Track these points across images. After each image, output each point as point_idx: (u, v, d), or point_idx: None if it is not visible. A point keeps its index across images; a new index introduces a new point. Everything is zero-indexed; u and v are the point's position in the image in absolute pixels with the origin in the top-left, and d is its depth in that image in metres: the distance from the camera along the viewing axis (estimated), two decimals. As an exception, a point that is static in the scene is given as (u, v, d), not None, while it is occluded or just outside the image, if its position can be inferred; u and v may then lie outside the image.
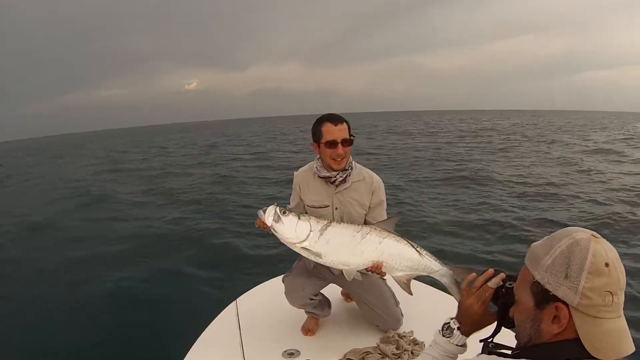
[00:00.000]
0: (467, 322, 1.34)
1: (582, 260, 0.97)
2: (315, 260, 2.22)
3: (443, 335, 1.38)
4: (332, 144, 2.35)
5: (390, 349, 2.41)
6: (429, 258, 2.14)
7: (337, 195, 2.49)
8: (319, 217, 2.29)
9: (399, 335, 2.54)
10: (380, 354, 2.41)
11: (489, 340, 1.22)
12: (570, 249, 1.00)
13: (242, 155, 23.51)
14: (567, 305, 0.98)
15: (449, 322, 1.39)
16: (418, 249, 2.17)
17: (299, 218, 2.19)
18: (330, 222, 2.23)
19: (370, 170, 2.59)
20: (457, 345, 1.36)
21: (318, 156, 2.50)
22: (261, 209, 2.17)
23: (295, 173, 2.64)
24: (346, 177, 2.45)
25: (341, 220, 2.43)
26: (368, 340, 2.55)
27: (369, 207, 2.52)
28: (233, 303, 3.10)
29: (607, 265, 0.97)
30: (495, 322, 1.28)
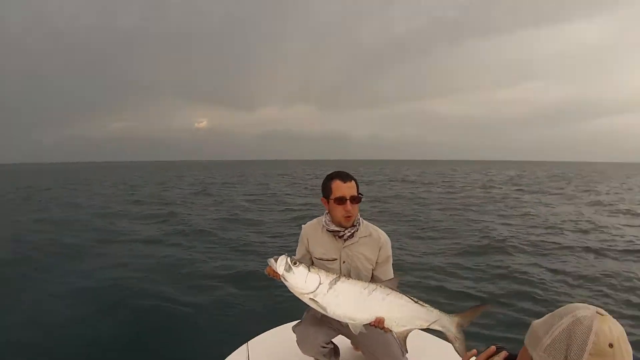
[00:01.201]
0: None
1: (583, 341, 0.90)
2: (322, 312, 2.30)
3: None
4: (341, 200, 2.49)
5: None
6: (431, 309, 2.24)
7: (344, 250, 2.58)
8: (327, 270, 2.38)
9: None
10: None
11: None
12: (571, 328, 0.93)
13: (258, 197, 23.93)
14: None
15: None
16: (419, 302, 2.27)
17: (309, 270, 2.27)
18: (340, 276, 2.32)
19: (377, 227, 2.68)
20: None
21: (327, 211, 2.63)
22: (272, 257, 2.26)
23: (303, 226, 2.74)
24: (354, 232, 2.56)
25: (349, 273, 2.54)
26: None
27: (376, 262, 2.60)
28: (244, 345, 3.16)
29: (611, 346, 0.90)
30: None
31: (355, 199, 2.51)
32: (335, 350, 2.89)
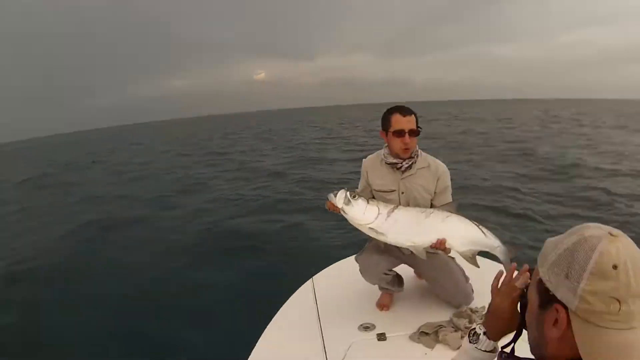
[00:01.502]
0: (496, 325, 1.19)
1: (585, 259, 0.86)
2: (383, 240, 2.34)
3: (470, 342, 1.25)
4: (400, 133, 2.51)
5: (464, 322, 2.45)
6: (490, 235, 2.25)
7: (402, 181, 2.61)
8: (386, 201, 2.44)
9: (471, 310, 2.58)
10: (453, 327, 2.46)
11: (504, 348, 1.13)
12: (576, 245, 0.88)
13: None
14: (566, 308, 0.87)
15: (474, 328, 1.26)
16: (479, 226, 2.27)
17: (368, 202, 2.33)
18: (397, 206, 2.37)
19: (435, 158, 2.68)
20: (484, 350, 1.22)
21: (386, 144, 2.66)
22: (332, 192, 2.32)
23: (363, 160, 2.79)
24: (412, 164, 2.59)
25: (407, 204, 2.57)
26: (441, 315, 2.61)
27: (435, 192, 2.61)
28: (309, 280, 3.27)
29: (615, 267, 0.84)
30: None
31: (414, 132, 2.52)
32: (399, 278, 2.92)
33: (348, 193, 2.30)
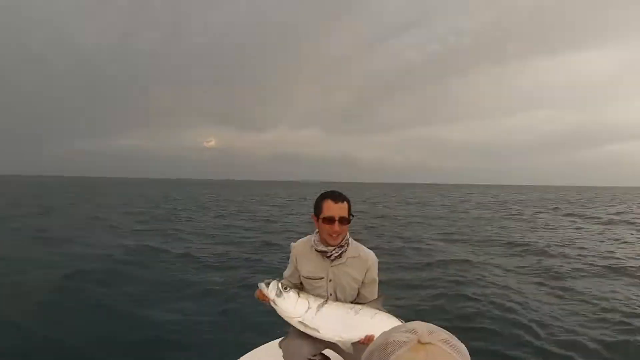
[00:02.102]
0: None
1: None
2: (312, 334, 2.38)
3: None
4: (330, 220, 2.49)
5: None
6: None
7: (332, 269, 2.60)
8: (313, 288, 2.51)
9: None
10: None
11: None
12: (377, 348, 0.85)
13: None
14: None
15: None
16: (404, 322, 2.35)
17: (299, 295, 2.36)
18: (327, 300, 2.43)
19: (366, 248, 2.70)
20: None
21: (317, 230, 2.63)
22: (263, 281, 2.34)
23: (293, 244, 2.75)
24: (342, 253, 2.57)
25: (335, 291, 2.58)
26: None
27: (363, 282, 2.63)
28: None
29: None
30: None
31: (344, 220, 2.51)
32: None
33: (280, 284, 2.32)
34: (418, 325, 0.88)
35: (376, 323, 2.35)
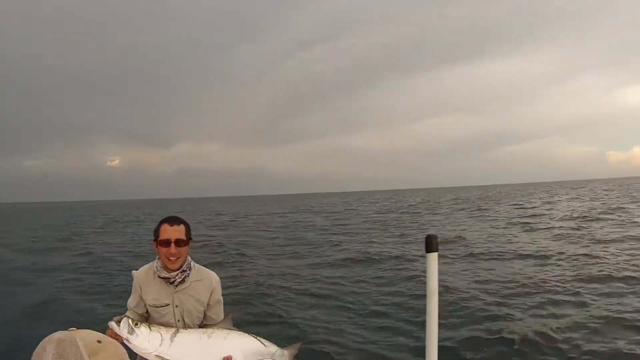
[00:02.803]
0: None
1: (76, 351, 1.00)
2: None
3: None
4: (166, 243, 2.52)
5: None
6: (268, 344, 2.49)
7: (177, 294, 2.63)
8: (161, 316, 2.56)
9: None
10: None
11: None
12: (59, 351, 1.00)
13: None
14: None
15: None
16: (257, 338, 2.50)
17: (150, 329, 2.35)
18: (178, 329, 2.44)
19: (208, 270, 2.78)
20: None
21: (158, 257, 2.63)
22: (113, 320, 2.31)
23: (134, 273, 2.73)
24: (185, 277, 2.61)
25: (182, 317, 2.62)
26: None
27: (208, 304, 2.71)
28: None
29: (99, 342, 1.04)
30: None
31: (181, 242, 2.55)
32: None
33: (130, 321, 2.30)
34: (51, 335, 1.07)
35: (230, 343, 2.43)
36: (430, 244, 2.28)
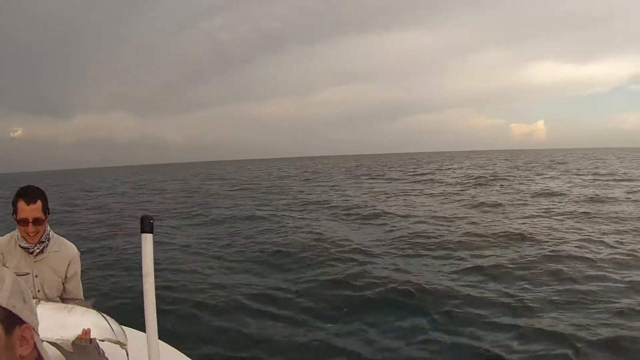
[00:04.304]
0: None
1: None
2: None
3: None
4: (24, 222, 2.53)
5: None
6: (113, 323, 2.64)
7: (36, 264, 2.68)
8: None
9: None
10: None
11: None
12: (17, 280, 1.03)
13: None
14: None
15: None
16: (106, 318, 2.64)
17: None
18: (39, 300, 2.51)
19: (68, 242, 2.82)
20: None
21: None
22: None
23: None
24: (43, 248, 2.66)
25: (42, 287, 2.67)
26: None
27: (66, 276, 2.76)
28: None
29: None
30: None
31: (39, 221, 2.56)
32: None
33: None
34: None
35: (88, 319, 2.56)
36: (144, 225, 2.26)
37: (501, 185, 22.77)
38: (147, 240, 2.27)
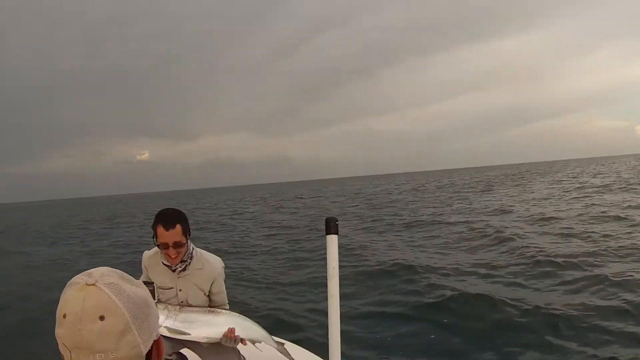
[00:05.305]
0: None
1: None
2: (180, 338, 2.59)
3: None
4: (164, 246, 2.54)
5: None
6: (258, 327, 2.76)
7: (179, 280, 2.71)
8: (166, 298, 2.70)
9: None
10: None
11: None
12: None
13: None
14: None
15: None
16: (250, 321, 2.77)
17: (156, 305, 2.50)
18: (183, 306, 2.65)
19: (212, 257, 2.81)
20: None
21: None
22: None
23: (145, 252, 2.83)
24: (185, 266, 2.68)
25: (186, 300, 2.73)
26: None
27: (210, 291, 2.77)
28: None
29: (64, 316, 0.89)
30: None
31: (179, 245, 2.55)
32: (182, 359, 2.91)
33: None
34: (100, 269, 0.97)
35: (232, 320, 2.66)
36: (329, 227, 2.29)
37: None
38: (332, 241, 2.29)
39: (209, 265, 2.75)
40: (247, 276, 9.41)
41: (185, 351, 2.98)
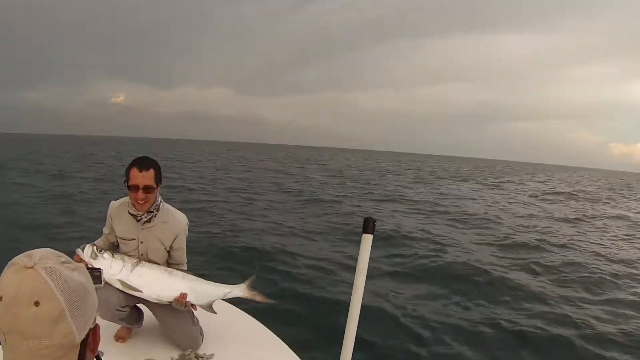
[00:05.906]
0: None
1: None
2: (132, 294, 2.61)
3: None
4: (135, 188, 2.57)
5: (185, 365, 2.67)
6: (221, 286, 2.79)
7: (143, 231, 2.72)
8: (127, 249, 2.72)
9: (196, 355, 2.73)
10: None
11: None
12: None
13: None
14: None
15: None
16: (210, 282, 2.80)
17: (113, 256, 2.59)
18: (140, 260, 2.67)
19: (178, 213, 2.82)
20: None
21: None
22: (80, 247, 2.51)
23: (111, 202, 2.82)
24: (151, 218, 2.70)
25: (146, 253, 2.75)
26: (167, 354, 2.73)
27: (171, 247, 2.78)
28: None
29: (1, 298, 0.86)
30: None
31: (149, 188, 2.58)
32: (137, 313, 2.91)
33: (95, 248, 2.52)
34: (41, 251, 0.94)
35: (186, 283, 2.69)
36: (367, 226, 2.36)
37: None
38: (367, 240, 2.34)
39: (174, 219, 2.77)
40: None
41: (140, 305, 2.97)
